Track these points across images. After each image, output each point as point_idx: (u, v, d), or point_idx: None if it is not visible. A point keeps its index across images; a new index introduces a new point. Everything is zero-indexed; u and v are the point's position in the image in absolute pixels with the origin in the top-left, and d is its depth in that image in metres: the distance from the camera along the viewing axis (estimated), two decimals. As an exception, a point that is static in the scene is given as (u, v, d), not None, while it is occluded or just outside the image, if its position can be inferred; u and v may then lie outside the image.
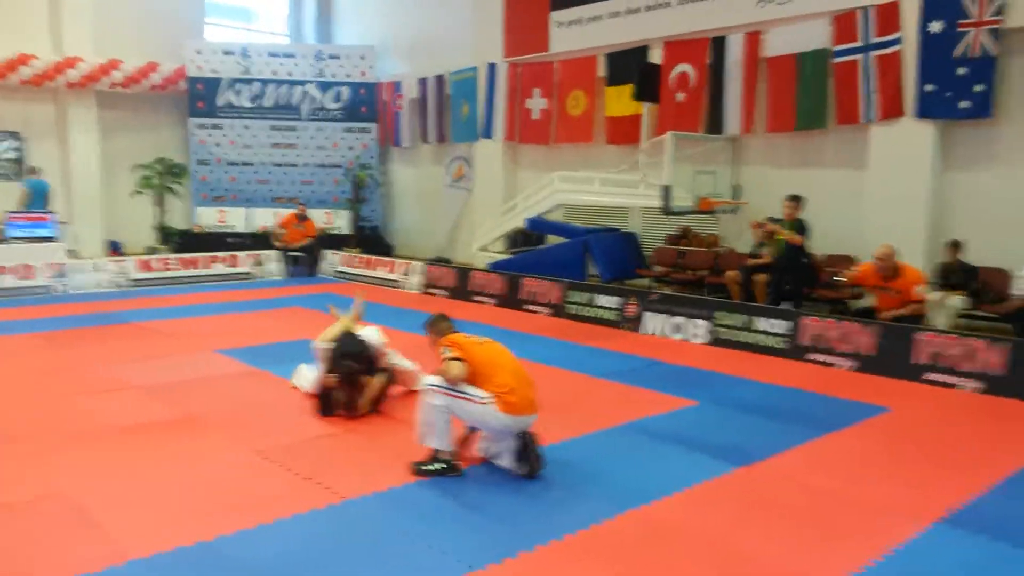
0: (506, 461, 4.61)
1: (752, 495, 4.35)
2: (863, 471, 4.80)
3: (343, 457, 4.81)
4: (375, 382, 5.70)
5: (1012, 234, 9.00)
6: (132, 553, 3.53)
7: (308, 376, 6.22)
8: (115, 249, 16.13)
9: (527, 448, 4.52)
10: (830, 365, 7.63)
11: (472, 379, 4.53)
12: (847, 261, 10.09)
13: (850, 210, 10.34)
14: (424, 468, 4.53)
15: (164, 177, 15.82)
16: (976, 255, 8.85)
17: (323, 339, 6.02)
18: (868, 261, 9.27)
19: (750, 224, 10.13)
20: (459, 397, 4.48)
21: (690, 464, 4.83)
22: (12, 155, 15.89)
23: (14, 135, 15.87)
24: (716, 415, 5.94)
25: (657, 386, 6.76)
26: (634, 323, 9.24)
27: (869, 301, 8.54)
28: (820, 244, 10.09)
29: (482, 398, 4.45)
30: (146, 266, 12.39)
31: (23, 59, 15.00)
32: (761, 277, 9.96)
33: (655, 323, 9.01)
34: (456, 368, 4.49)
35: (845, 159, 10.63)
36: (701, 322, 8.60)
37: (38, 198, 14.15)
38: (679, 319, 8.81)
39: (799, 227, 9.17)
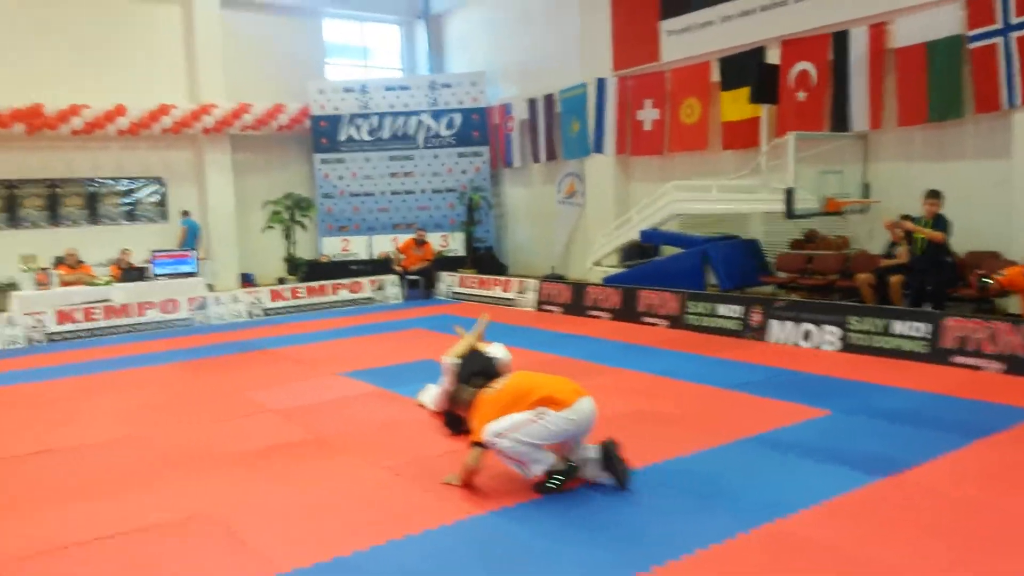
0: (590, 472, 4.51)
1: (893, 508, 4.04)
2: (1015, 480, 4.38)
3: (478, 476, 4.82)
4: None
5: None
6: (275, 568, 3.66)
7: (433, 393, 6.31)
8: (248, 281, 17.08)
9: (609, 456, 4.44)
10: (977, 368, 7.06)
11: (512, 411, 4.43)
12: (993, 258, 9.37)
13: (994, 203, 9.60)
14: (547, 486, 4.47)
15: (292, 211, 16.63)
16: None
17: (450, 355, 6.10)
18: (1019, 263, 8.60)
19: (884, 223, 9.56)
20: (513, 430, 4.34)
21: (824, 476, 4.56)
22: (156, 199, 17.16)
23: (157, 180, 17.14)
24: (851, 424, 5.60)
25: (786, 396, 6.45)
26: (759, 332, 8.89)
27: (1017, 305, 7.88)
28: (963, 241, 9.41)
29: (529, 419, 4.35)
30: (277, 296, 13.02)
31: (164, 109, 16.21)
32: (896, 278, 9.39)
33: (782, 331, 8.63)
34: (472, 458, 4.48)
35: (986, 149, 9.89)
36: (832, 328, 8.16)
37: (191, 236, 15.39)
38: (808, 326, 8.40)
39: (940, 224, 8.54)
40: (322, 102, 17.83)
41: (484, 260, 17.04)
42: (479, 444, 4.44)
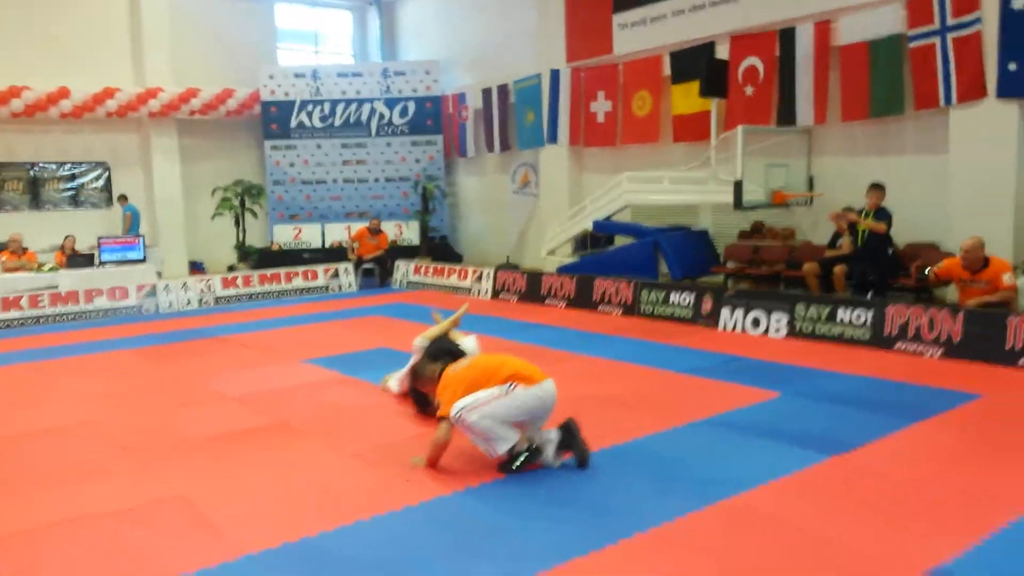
0: (550, 453, 4.63)
1: (841, 485, 4.27)
2: (954, 459, 4.66)
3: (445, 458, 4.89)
4: None
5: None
6: (244, 550, 3.70)
7: (398, 376, 6.39)
8: (197, 269, 16.83)
9: (570, 434, 4.58)
10: (918, 354, 7.42)
11: (476, 388, 4.55)
12: (931, 249, 9.81)
13: (932, 196, 10.03)
14: (511, 467, 4.59)
15: (243, 198, 16.40)
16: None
17: (422, 337, 6.20)
18: (955, 255, 9.03)
19: (830, 215, 9.91)
20: (482, 405, 4.44)
21: (776, 455, 4.77)
22: (100, 184, 16.74)
23: (102, 164, 16.72)
24: (800, 407, 5.85)
25: (738, 380, 6.69)
26: (711, 319, 9.16)
27: (954, 295, 8.28)
28: (902, 232, 9.82)
29: (496, 394, 4.47)
30: (230, 283, 12.86)
31: (109, 92, 15.82)
32: (840, 268, 9.75)
33: (733, 319, 8.91)
34: (441, 432, 4.57)
35: (925, 144, 10.32)
36: (781, 315, 8.47)
37: (135, 222, 15.06)
38: (758, 313, 8.69)
39: (882, 215, 8.90)
40: (272, 87, 17.60)
41: (439, 249, 17.07)
42: (446, 419, 4.53)
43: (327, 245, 17.07)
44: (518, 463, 4.59)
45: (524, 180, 16.51)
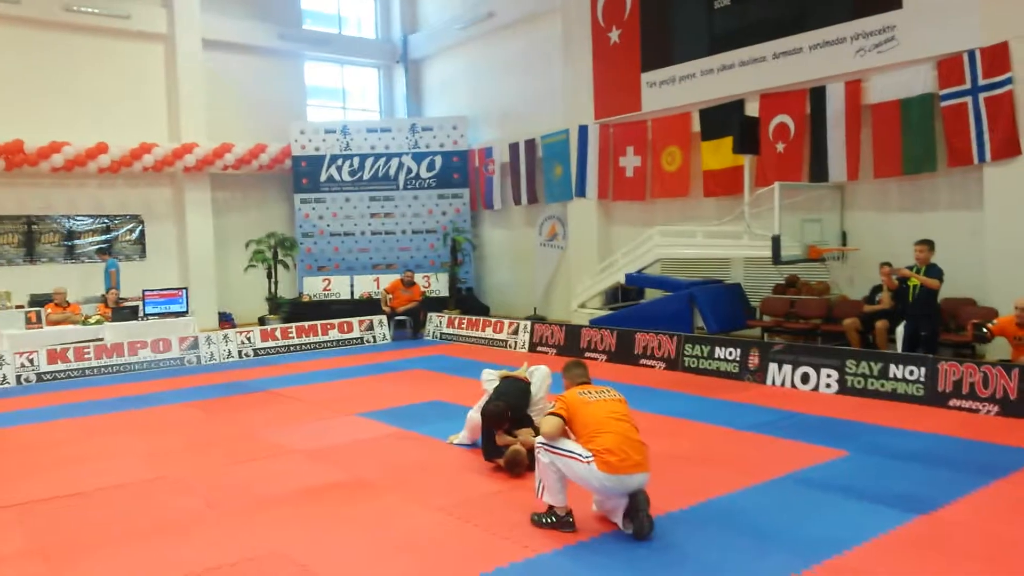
0: (617, 519, 4.67)
1: (944, 544, 4.33)
2: (1047, 517, 4.73)
3: (521, 512, 4.96)
4: (529, 432, 5.90)
5: None
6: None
7: (465, 428, 6.51)
8: (227, 320, 16.96)
9: (637, 508, 4.54)
10: (973, 411, 7.48)
11: (578, 437, 4.66)
12: (969, 305, 9.93)
13: (967, 252, 10.18)
14: (540, 521, 4.73)
15: (276, 250, 16.63)
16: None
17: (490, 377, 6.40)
18: (993, 309, 9.16)
19: (881, 269, 10.02)
20: (562, 455, 4.60)
21: (864, 514, 4.82)
22: (134, 236, 16.99)
23: (136, 218, 17.00)
24: (872, 465, 5.91)
25: (801, 437, 6.76)
26: (758, 375, 9.24)
27: (1006, 353, 8.38)
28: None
29: (584, 457, 4.54)
30: (268, 336, 12.99)
31: (146, 148, 16.17)
32: (882, 324, 9.88)
33: (781, 374, 8.99)
34: (548, 424, 4.66)
35: (959, 201, 10.53)
36: (831, 371, 8.55)
37: (118, 277, 14.96)
38: (806, 369, 8.78)
39: (934, 271, 9.01)
40: (303, 143, 17.97)
41: (466, 301, 17.22)
42: (553, 415, 4.70)
43: (356, 296, 17.22)
44: (547, 522, 4.71)
45: (551, 232, 16.74)
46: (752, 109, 12.50)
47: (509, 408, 5.91)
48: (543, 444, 4.68)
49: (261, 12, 18.23)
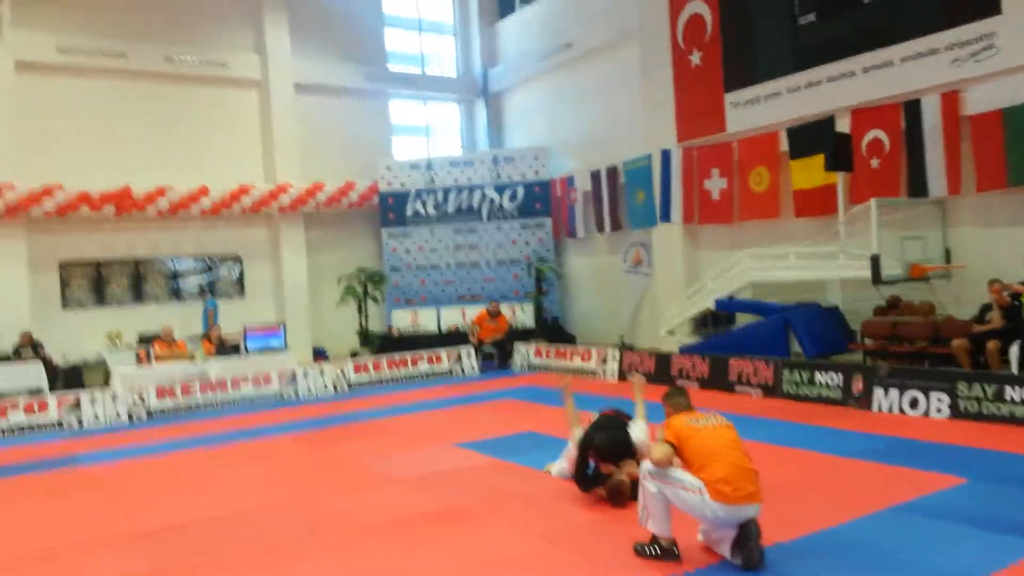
0: (724, 550, 4.54)
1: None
2: None
3: (623, 541, 4.87)
4: (632, 463, 5.82)
5: None
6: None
7: (563, 461, 6.48)
8: (321, 355, 17.42)
9: (747, 538, 4.40)
10: (1102, 434, 7.01)
11: (688, 466, 4.55)
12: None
13: (1084, 265, 9.61)
14: (643, 550, 4.65)
15: (365, 285, 17.07)
16: None
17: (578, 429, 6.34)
18: None
19: (990, 286, 9.57)
20: (672, 484, 4.51)
21: (991, 544, 4.57)
22: (235, 276, 17.75)
23: (235, 257, 17.76)
24: (994, 492, 5.59)
25: (913, 464, 6.45)
26: (863, 401, 8.88)
27: None
28: (1058, 304, 9.40)
29: (694, 487, 4.43)
30: (361, 369, 13.30)
31: (244, 189, 16.94)
32: (994, 344, 9.37)
33: (888, 399, 8.62)
34: (658, 452, 4.55)
35: (1073, 212, 9.97)
36: (941, 395, 8.15)
37: (216, 316, 15.59)
38: (915, 393, 8.39)
39: (1051, 288, 8.55)
40: (389, 179, 18.48)
41: (552, 330, 17.23)
42: (662, 443, 4.61)
43: (443, 329, 17.46)
44: (650, 552, 4.62)
45: (636, 259, 16.62)
46: (843, 125, 12.17)
47: (615, 442, 5.87)
48: (651, 472, 4.61)
49: (348, 55, 18.95)
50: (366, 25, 19.48)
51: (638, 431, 6.13)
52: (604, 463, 5.87)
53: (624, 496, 5.62)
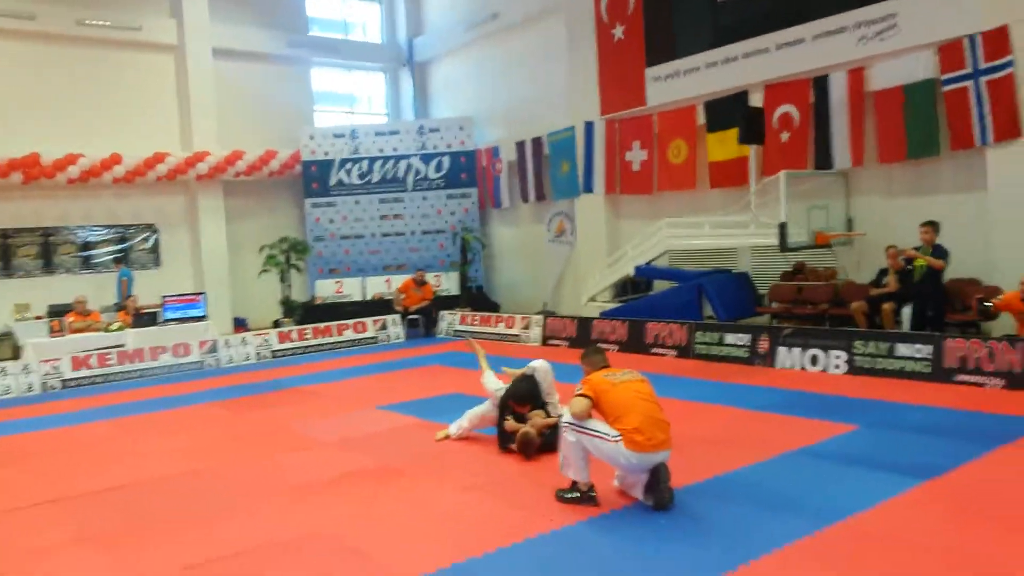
0: (638, 492, 4.88)
1: (951, 504, 4.53)
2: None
3: (545, 489, 5.17)
4: (541, 414, 6.16)
5: None
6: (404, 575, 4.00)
7: (464, 420, 6.79)
8: (241, 325, 17.19)
9: (658, 482, 4.74)
10: (979, 385, 7.66)
11: (605, 417, 4.85)
12: (973, 284, 10.08)
13: (972, 233, 10.32)
14: (564, 496, 4.96)
15: (288, 255, 16.88)
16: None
17: (494, 383, 6.69)
18: (999, 288, 9.31)
19: (888, 252, 10.22)
20: (589, 434, 4.81)
21: (874, 481, 5.02)
22: (149, 245, 17.28)
23: (150, 227, 17.28)
24: (882, 437, 6.10)
25: (812, 414, 6.96)
26: (768, 359, 9.42)
27: (1010, 328, 8.54)
28: (945, 269, 10.11)
29: (611, 436, 4.74)
30: (285, 337, 13.25)
31: (159, 157, 16.44)
32: (888, 306, 10.04)
33: (789, 357, 9.18)
34: (577, 405, 4.84)
35: (963, 183, 10.67)
36: (839, 352, 8.73)
37: (130, 286, 15.30)
38: (815, 351, 8.96)
39: (939, 252, 9.21)
40: (313, 147, 18.23)
41: (476, 299, 17.43)
42: (580, 396, 4.87)
43: (368, 298, 17.44)
44: (570, 496, 4.94)
45: (560, 229, 16.95)
46: (756, 100, 12.67)
47: (529, 393, 6.18)
48: (570, 423, 4.88)
49: (269, 20, 18.50)
50: (287, -11, 19.06)
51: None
52: (520, 407, 6.24)
53: (532, 447, 5.97)
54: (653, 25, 14.37)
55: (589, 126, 15.53)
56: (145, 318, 12.61)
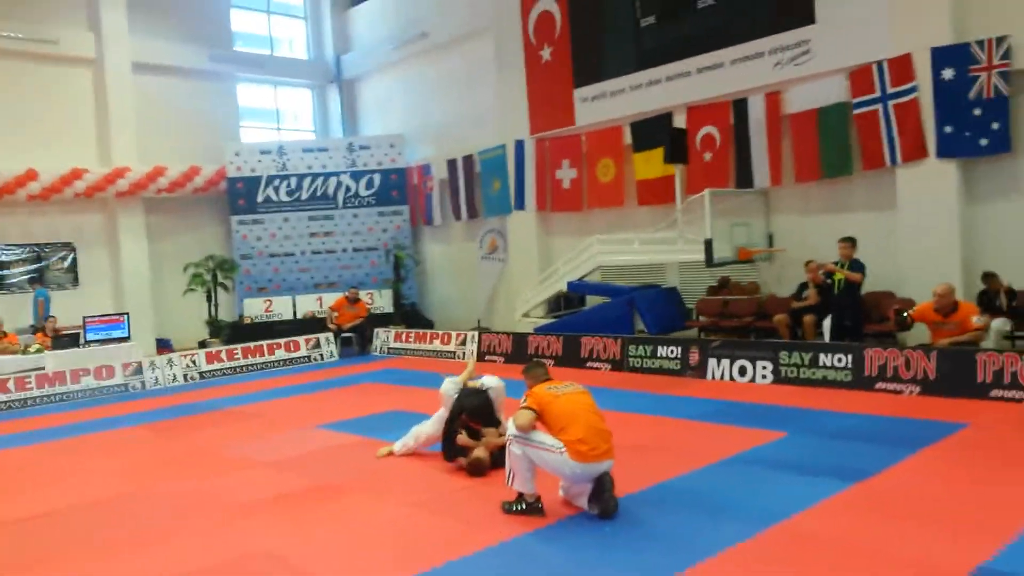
0: (582, 502, 5.01)
1: (879, 504, 4.79)
2: (966, 477, 5.26)
3: (491, 504, 5.22)
4: (495, 432, 6.19)
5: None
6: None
7: (410, 437, 6.76)
8: (165, 346, 16.68)
9: (602, 490, 4.87)
10: (898, 392, 8.10)
11: (549, 429, 4.97)
12: (888, 297, 10.64)
13: (883, 249, 10.89)
14: (511, 508, 5.05)
15: (215, 273, 16.49)
16: (1007, 279, 9.35)
17: (452, 382, 6.68)
18: (912, 300, 9.86)
19: (808, 267, 10.68)
20: (535, 447, 4.92)
21: (808, 485, 5.26)
22: (66, 264, 16.63)
23: (68, 246, 16.65)
24: (810, 443, 6.39)
25: (742, 423, 7.23)
26: (699, 370, 9.73)
27: (924, 337, 9.05)
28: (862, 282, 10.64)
29: (555, 447, 4.86)
30: (214, 358, 12.93)
31: (77, 173, 15.91)
32: (809, 318, 10.50)
33: (720, 368, 9.50)
34: (522, 417, 4.95)
35: (874, 202, 11.28)
36: (765, 363, 9.09)
37: (47, 307, 14.77)
38: (743, 362, 9.30)
39: (857, 266, 9.74)
40: (239, 164, 17.92)
41: (410, 316, 17.40)
42: (525, 409, 4.96)
43: (299, 316, 17.19)
44: (517, 508, 5.03)
45: (492, 246, 17.08)
46: (680, 121, 13.10)
47: (483, 405, 6.23)
48: (516, 436, 4.96)
49: (191, 34, 18.13)
50: (210, 4, 18.72)
51: (492, 382, 6.63)
52: (474, 422, 6.24)
53: (482, 472, 5.96)
54: (580, 47, 14.73)
55: (519, 145, 15.75)
56: (65, 340, 12.13)
